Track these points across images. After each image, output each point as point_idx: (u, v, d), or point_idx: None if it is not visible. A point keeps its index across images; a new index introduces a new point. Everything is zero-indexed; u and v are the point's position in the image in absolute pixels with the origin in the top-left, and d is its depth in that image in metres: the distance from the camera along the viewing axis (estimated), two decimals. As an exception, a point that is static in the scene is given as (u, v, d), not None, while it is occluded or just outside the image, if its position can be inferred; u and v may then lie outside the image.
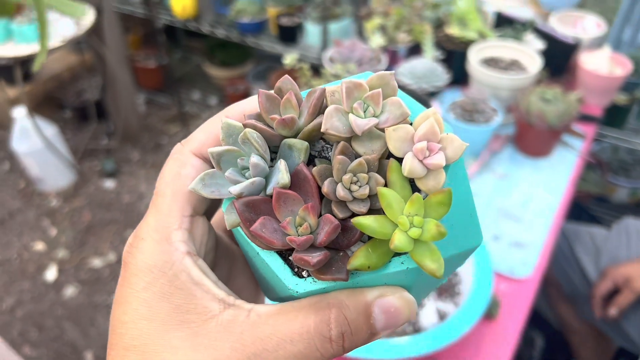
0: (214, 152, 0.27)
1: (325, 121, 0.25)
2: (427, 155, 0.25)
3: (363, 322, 0.25)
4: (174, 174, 0.29)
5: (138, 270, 0.27)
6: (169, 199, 0.28)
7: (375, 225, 0.24)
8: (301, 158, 0.27)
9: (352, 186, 0.25)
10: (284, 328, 0.25)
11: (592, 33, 1.49)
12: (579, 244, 1.38)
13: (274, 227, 0.26)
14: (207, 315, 0.26)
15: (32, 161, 2.18)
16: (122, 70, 2.32)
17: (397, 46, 1.43)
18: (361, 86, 0.26)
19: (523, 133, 1.27)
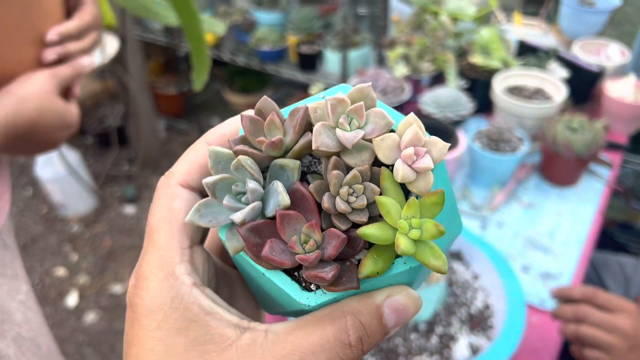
0: (208, 183, 0.27)
1: (315, 139, 0.26)
2: (415, 159, 0.26)
3: (377, 324, 0.27)
4: (165, 208, 0.29)
5: (148, 310, 0.27)
6: (165, 234, 0.28)
7: (379, 233, 0.26)
8: (295, 177, 0.28)
9: (350, 198, 0.26)
10: (304, 342, 0.25)
11: (616, 61, 1.49)
12: (607, 274, 1.36)
13: (282, 248, 0.26)
14: (225, 343, 0.26)
15: (55, 187, 2.21)
16: (143, 97, 2.36)
17: (420, 75, 1.44)
18: (344, 101, 0.27)
19: (549, 162, 1.26)
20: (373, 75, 1.38)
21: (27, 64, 0.62)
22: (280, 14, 2.22)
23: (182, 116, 2.84)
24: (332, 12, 2.28)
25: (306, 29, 2.16)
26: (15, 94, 0.58)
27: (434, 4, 1.60)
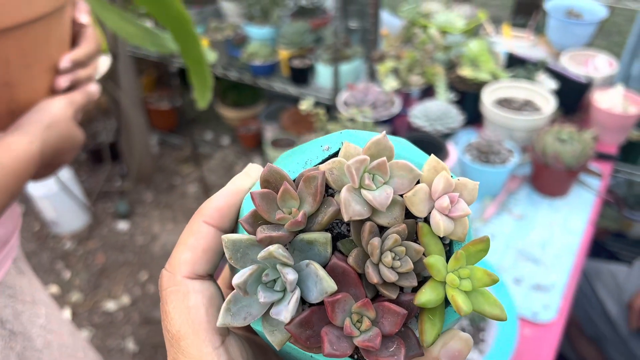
0: (239, 283, 0.25)
1: (346, 209, 0.25)
2: (451, 208, 0.25)
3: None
4: (182, 310, 0.26)
5: None
6: (194, 341, 0.26)
7: (434, 296, 0.25)
8: (328, 252, 0.26)
9: (394, 263, 0.25)
10: None
11: (604, 72, 1.50)
12: (600, 283, 1.36)
13: (337, 335, 0.25)
14: None
15: (48, 204, 2.20)
16: (136, 113, 2.36)
17: (410, 89, 1.45)
18: (365, 160, 0.26)
19: (539, 173, 1.27)
20: (363, 89, 1.38)
21: (42, 91, 0.63)
22: (271, 29, 2.23)
23: (175, 131, 2.84)
24: (323, 26, 2.29)
25: (298, 43, 2.17)
26: (41, 122, 0.59)
27: (423, 18, 1.61)
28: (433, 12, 1.62)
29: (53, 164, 0.65)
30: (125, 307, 2.04)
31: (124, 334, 1.95)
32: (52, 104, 0.62)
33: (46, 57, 0.61)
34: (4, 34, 0.54)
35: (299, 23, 2.20)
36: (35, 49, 0.59)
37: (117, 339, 1.93)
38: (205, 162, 2.71)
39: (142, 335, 1.96)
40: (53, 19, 0.60)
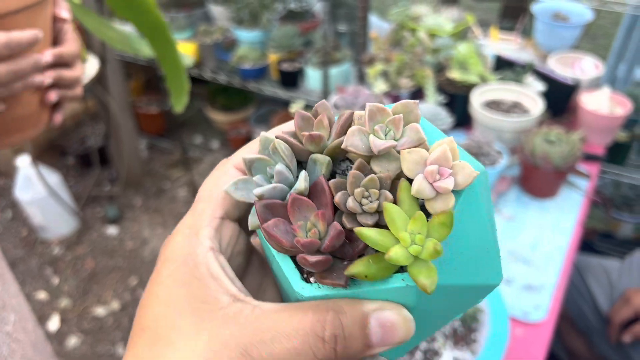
0: (246, 159, 0.29)
1: (346, 139, 0.27)
2: (438, 179, 0.26)
3: (358, 331, 0.26)
4: (213, 182, 0.32)
5: (167, 260, 0.30)
6: (205, 202, 0.31)
7: (377, 238, 0.25)
8: (322, 171, 0.29)
9: (363, 200, 0.27)
10: (283, 324, 0.26)
11: (591, 73, 1.52)
12: (591, 277, 1.37)
13: (286, 229, 0.27)
14: (216, 306, 0.27)
15: (35, 209, 2.18)
16: (124, 117, 2.35)
17: (400, 91, 1.45)
18: (384, 111, 0.28)
19: (528, 174, 1.28)
20: (353, 92, 1.39)
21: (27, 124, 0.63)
22: (260, 32, 2.23)
23: (164, 135, 2.82)
24: (312, 29, 2.29)
25: (287, 46, 2.17)
26: None
27: (412, 21, 1.62)
28: (422, 16, 1.63)
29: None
30: (115, 312, 2.02)
31: (114, 340, 1.94)
32: None
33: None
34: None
35: (288, 27, 2.20)
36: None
37: (107, 345, 1.92)
38: (194, 166, 2.70)
39: (133, 340, 1.94)
40: (36, 10, 0.60)
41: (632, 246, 1.92)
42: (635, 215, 2.03)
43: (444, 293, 0.28)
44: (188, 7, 2.40)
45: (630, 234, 2.05)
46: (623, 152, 1.73)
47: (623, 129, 1.67)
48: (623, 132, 1.67)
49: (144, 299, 0.30)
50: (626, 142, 1.67)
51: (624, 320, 1.22)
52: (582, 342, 1.44)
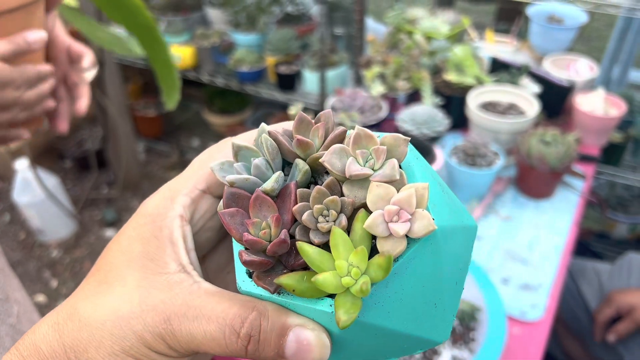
0: (235, 144, 0.30)
1: (326, 154, 0.27)
2: (395, 220, 0.25)
3: (274, 338, 0.27)
4: (209, 154, 0.33)
5: (139, 213, 0.31)
6: (192, 171, 0.32)
7: (316, 257, 0.25)
8: (298, 177, 0.29)
9: (320, 217, 0.27)
10: (209, 307, 0.27)
11: (585, 75, 1.54)
12: (584, 281, 1.39)
13: (242, 222, 0.28)
14: (163, 270, 0.29)
15: (34, 212, 2.18)
16: (122, 120, 2.35)
17: (397, 93, 1.47)
18: (371, 138, 0.28)
19: (525, 175, 1.29)
20: (351, 94, 1.40)
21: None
22: (258, 35, 2.24)
23: (161, 138, 2.83)
24: (309, 32, 2.30)
25: (284, 49, 2.18)
26: None
27: (408, 24, 1.63)
28: (418, 18, 1.65)
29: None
30: (113, 315, 2.02)
31: (113, 342, 1.94)
32: None
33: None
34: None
35: (284, 30, 2.21)
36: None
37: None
38: (192, 168, 2.70)
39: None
40: (32, 9, 0.60)
41: (628, 246, 1.94)
42: (630, 215, 2.04)
43: (372, 332, 0.27)
44: (185, 11, 2.41)
45: (626, 234, 2.07)
46: (618, 153, 1.74)
47: (617, 130, 1.69)
48: (618, 133, 1.69)
49: (110, 243, 0.31)
50: (621, 143, 1.68)
51: (607, 320, 1.24)
52: (577, 344, 1.45)
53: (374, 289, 0.26)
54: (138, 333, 0.27)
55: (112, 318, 0.28)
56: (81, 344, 0.28)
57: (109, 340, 0.28)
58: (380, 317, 0.27)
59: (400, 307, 0.27)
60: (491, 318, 0.94)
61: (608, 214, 2.04)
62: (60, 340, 0.28)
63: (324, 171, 0.30)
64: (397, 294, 0.27)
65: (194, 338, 0.27)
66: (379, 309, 0.27)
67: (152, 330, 0.27)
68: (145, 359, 0.28)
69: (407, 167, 0.29)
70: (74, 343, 0.28)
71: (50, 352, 0.28)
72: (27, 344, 0.29)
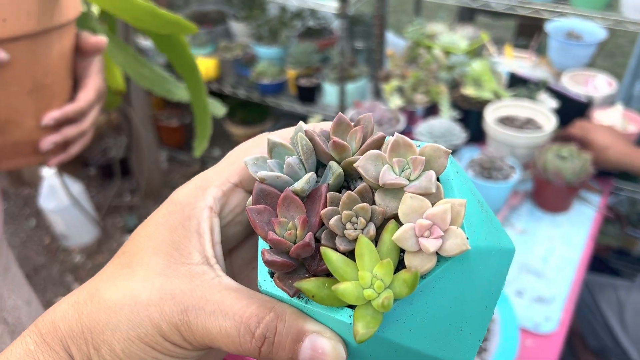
0: (270, 140, 0.30)
1: (361, 159, 0.26)
2: (426, 235, 0.24)
3: (289, 343, 0.26)
4: (245, 148, 0.33)
5: (170, 200, 0.32)
6: (227, 163, 0.33)
7: (339, 265, 0.25)
8: (330, 180, 0.28)
9: (347, 224, 0.26)
10: (227, 302, 0.27)
11: (604, 91, 1.54)
12: (602, 297, 1.38)
13: (268, 220, 0.28)
14: (186, 260, 0.29)
15: (58, 218, 2.24)
16: (146, 130, 2.41)
17: (414, 107, 1.49)
18: (410, 147, 0.27)
19: (541, 189, 1.30)
20: (369, 106, 1.42)
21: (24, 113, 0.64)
22: (279, 49, 2.29)
23: (183, 147, 2.89)
24: (330, 46, 2.34)
25: (305, 62, 2.22)
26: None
27: (427, 39, 1.66)
28: (437, 33, 1.67)
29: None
30: (133, 320, 2.06)
31: (132, 347, 1.97)
32: None
33: (28, 79, 0.62)
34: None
35: (306, 43, 2.25)
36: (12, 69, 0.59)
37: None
38: (213, 178, 2.75)
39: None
40: (39, 41, 0.61)
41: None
42: (651, 232, 2.03)
43: (390, 349, 0.27)
44: (209, 24, 2.47)
45: (646, 252, 2.04)
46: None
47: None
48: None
49: (138, 228, 0.32)
50: (641, 159, 1.68)
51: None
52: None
53: (397, 305, 0.25)
54: (154, 321, 0.28)
55: (130, 303, 0.28)
56: (98, 326, 0.28)
57: (126, 325, 0.28)
58: (401, 335, 0.26)
59: (422, 327, 0.26)
60: (504, 329, 0.95)
61: (628, 231, 2.02)
62: (79, 320, 0.29)
63: (358, 177, 0.29)
64: (421, 313, 0.26)
65: (208, 332, 0.27)
66: (400, 326, 0.26)
67: (168, 320, 0.27)
68: (159, 347, 0.28)
69: (446, 180, 0.28)
70: (92, 324, 0.28)
71: (68, 330, 0.29)
72: (46, 322, 0.30)
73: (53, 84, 0.66)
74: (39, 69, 0.63)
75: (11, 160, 0.67)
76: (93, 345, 0.28)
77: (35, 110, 0.65)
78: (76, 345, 0.28)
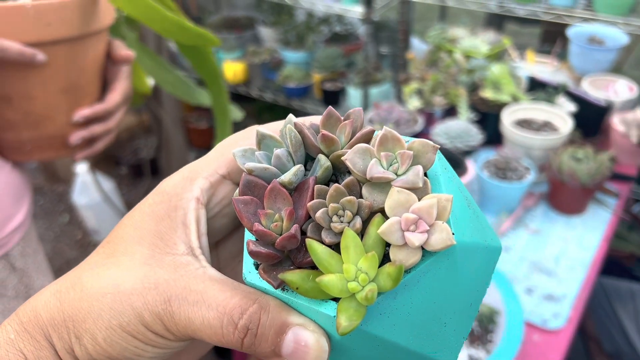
0: (259, 132, 0.29)
1: (349, 153, 0.26)
2: (412, 229, 0.24)
3: (271, 335, 0.26)
4: (234, 140, 0.33)
5: (157, 191, 0.31)
6: (215, 155, 0.32)
7: (324, 257, 0.24)
8: (318, 173, 0.28)
9: (334, 217, 0.26)
10: (211, 293, 0.27)
11: (624, 96, 1.54)
12: (619, 302, 1.38)
13: (255, 211, 0.27)
14: (171, 250, 0.29)
15: (90, 213, 2.34)
16: (176, 131, 2.49)
17: (433, 108, 1.52)
18: (398, 141, 0.27)
19: (556, 191, 1.31)
20: (388, 108, 1.46)
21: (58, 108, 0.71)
22: (306, 53, 2.34)
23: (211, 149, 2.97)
24: (355, 51, 2.39)
25: (330, 67, 2.27)
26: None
27: (449, 43, 1.69)
28: (459, 38, 1.70)
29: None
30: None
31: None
32: None
33: (64, 79, 0.69)
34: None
35: (331, 48, 2.30)
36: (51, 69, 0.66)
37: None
38: (239, 179, 2.82)
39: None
40: (77, 45, 0.67)
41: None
42: (676, 241, 2.00)
43: (373, 343, 0.27)
44: (239, 29, 2.55)
45: (671, 261, 2.01)
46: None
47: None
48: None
49: (124, 218, 0.31)
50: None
51: None
52: (611, 364, 1.44)
53: (381, 299, 0.25)
54: (137, 310, 0.27)
55: (113, 292, 0.28)
56: (80, 314, 0.28)
57: (108, 313, 0.27)
58: (384, 329, 0.26)
59: (406, 322, 0.26)
60: (509, 322, 0.97)
61: (652, 239, 2.00)
62: (61, 308, 0.28)
63: (346, 170, 0.29)
64: (405, 307, 0.26)
65: (191, 323, 0.27)
66: (384, 320, 0.26)
67: (151, 309, 0.27)
68: (141, 337, 0.28)
69: (434, 176, 0.28)
70: (73, 312, 0.28)
71: (50, 319, 0.28)
72: (28, 310, 0.29)
73: (85, 85, 0.73)
74: (75, 71, 0.70)
75: (44, 152, 0.74)
76: (75, 334, 0.28)
77: (67, 107, 0.72)
78: (57, 334, 0.28)
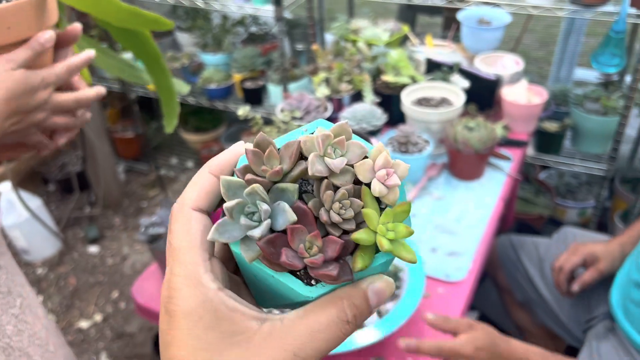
0: (228, 207, 0.32)
1: (310, 167, 0.32)
2: (386, 178, 0.33)
3: (365, 304, 0.33)
4: (184, 230, 0.34)
5: (185, 314, 0.32)
6: (188, 252, 0.34)
7: (366, 237, 0.32)
8: (295, 197, 0.33)
9: (341, 211, 0.33)
10: (313, 323, 0.32)
11: (511, 69, 1.69)
12: (524, 254, 1.52)
13: (293, 255, 0.32)
14: (250, 332, 0.32)
15: (18, 233, 2.30)
16: (101, 143, 2.49)
17: (340, 95, 1.61)
18: (330, 136, 0.34)
19: (454, 159, 1.43)
20: (298, 97, 1.54)
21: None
22: (224, 55, 2.40)
23: (140, 158, 2.96)
24: (273, 50, 2.46)
25: (249, 66, 2.34)
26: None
27: (352, 33, 1.79)
28: (361, 28, 1.80)
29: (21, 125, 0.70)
30: (97, 324, 2.13)
31: (97, 350, 2.04)
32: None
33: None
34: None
35: (249, 48, 2.37)
36: None
37: (91, 355, 2.02)
38: (170, 184, 2.84)
39: (115, 349, 2.05)
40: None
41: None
42: (578, 201, 2.19)
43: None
44: (157, 36, 2.57)
45: (577, 219, 2.21)
46: (557, 142, 1.89)
47: (554, 121, 1.84)
48: (555, 123, 1.84)
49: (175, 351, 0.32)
50: (558, 132, 1.84)
51: (574, 267, 1.29)
52: (524, 313, 1.58)
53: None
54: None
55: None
56: None
57: None
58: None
59: None
60: (411, 277, 1.07)
61: (557, 201, 2.18)
62: None
63: (305, 179, 0.35)
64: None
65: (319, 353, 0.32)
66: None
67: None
68: None
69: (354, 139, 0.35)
70: None
71: None
72: None
73: None
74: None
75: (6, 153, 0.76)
76: None
77: None
78: None
